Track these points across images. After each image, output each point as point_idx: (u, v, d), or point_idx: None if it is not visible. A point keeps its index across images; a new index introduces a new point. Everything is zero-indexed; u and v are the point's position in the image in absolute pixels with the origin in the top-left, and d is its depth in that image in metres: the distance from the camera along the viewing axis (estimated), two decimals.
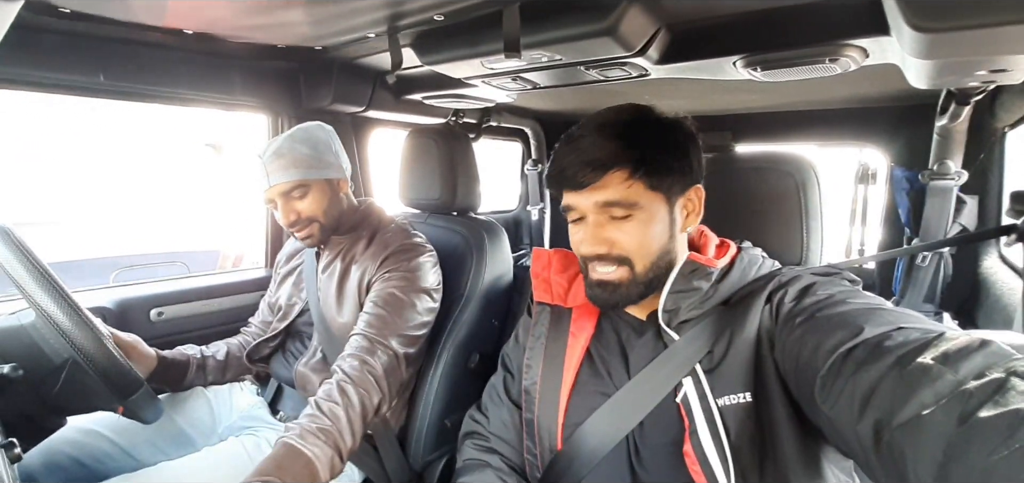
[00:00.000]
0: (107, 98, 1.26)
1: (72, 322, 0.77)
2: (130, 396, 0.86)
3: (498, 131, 2.16)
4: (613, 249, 0.70)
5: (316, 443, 0.85)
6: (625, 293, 0.71)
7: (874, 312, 0.56)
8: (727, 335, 0.67)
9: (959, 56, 0.70)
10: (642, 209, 0.69)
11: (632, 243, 0.69)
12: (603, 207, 0.69)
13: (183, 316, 1.41)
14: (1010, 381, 0.40)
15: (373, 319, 1.02)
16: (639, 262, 0.70)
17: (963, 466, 0.38)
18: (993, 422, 0.38)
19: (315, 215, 1.10)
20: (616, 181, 0.68)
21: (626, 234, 0.69)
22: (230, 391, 1.23)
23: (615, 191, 0.68)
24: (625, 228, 0.70)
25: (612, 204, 0.69)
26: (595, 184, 0.69)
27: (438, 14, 0.95)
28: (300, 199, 1.08)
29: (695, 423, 0.65)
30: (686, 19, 0.93)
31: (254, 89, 1.40)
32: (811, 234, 0.87)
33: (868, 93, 1.35)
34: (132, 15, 0.98)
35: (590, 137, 0.70)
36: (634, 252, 0.70)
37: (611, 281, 0.71)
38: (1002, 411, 0.38)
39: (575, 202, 0.72)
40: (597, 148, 0.68)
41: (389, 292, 1.05)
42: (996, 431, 0.37)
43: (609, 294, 0.71)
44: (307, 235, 1.11)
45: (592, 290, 0.74)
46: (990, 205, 1.24)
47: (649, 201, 0.69)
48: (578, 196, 0.71)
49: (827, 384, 0.53)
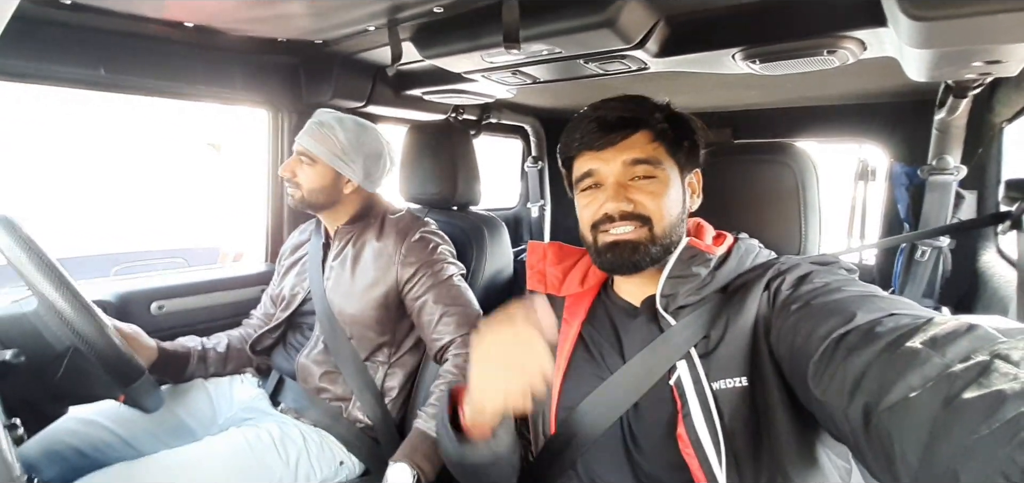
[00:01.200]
0: (108, 91, 1.26)
1: (74, 309, 0.78)
2: (131, 384, 0.87)
3: (498, 128, 2.17)
4: (636, 207, 0.71)
5: None
6: (643, 254, 0.71)
7: (867, 299, 0.57)
8: (724, 321, 0.67)
9: (955, 46, 0.70)
10: (663, 171, 0.72)
11: (654, 203, 0.71)
12: (629, 165, 0.71)
13: (183, 310, 1.41)
14: (994, 363, 0.41)
15: (458, 315, 1.11)
16: (658, 223, 0.71)
17: (947, 445, 0.39)
18: (976, 403, 0.39)
19: (302, 185, 1.17)
20: (642, 140, 0.72)
21: (648, 194, 0.71)
22: (230, 383, 1.23)
23: (642, 148, 0.71)
24: (647, 188, 0.71)
25: (639, 161, 0.71)
26: (622, 142, 0.71)
27: (438, 6, 0.95)
28: (300, 165, 1.17)
29: (689, 406, 0.66)
30: (685, 12, 0.94)
31: (255, 84, 1.40)
32: (809, 227, 0.87)
33: (867, 89, 1.36)
34: (133, 7, 0.99)
35: (611, 104, 0.73)
36: (655, 212, 0.71)
37: (629, 240, 0.71)
38: (985, 392, 0.39)
39: (597, 165, 0.73)
40: (622, 110, 0.72)
41: (445, 287, 1.13)
42: (979, 411, 0.38)
43: (627, 254, 0.71)
44: (290, 193, 1.19)
45: (604, 255, 0.73)
46: (989, 199, 1.24)
47: (668, 166, 0.72)
48: (601, 157, 0.72)
49: (819, 369, 0.53)
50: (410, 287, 1.13)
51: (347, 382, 1.13)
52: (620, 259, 0.72)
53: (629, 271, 0.73)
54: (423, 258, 1.14)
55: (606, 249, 0.73)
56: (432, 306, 1.11)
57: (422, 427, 1.00)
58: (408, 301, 1.14)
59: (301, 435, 1.08)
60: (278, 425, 1.07)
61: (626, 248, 0.71)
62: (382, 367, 1.15)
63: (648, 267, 0.72)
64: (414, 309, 1.13)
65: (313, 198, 1.17)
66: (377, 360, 1.16)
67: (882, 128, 1.48)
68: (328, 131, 1.15)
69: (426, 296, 1.12)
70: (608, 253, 0.72)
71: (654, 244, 0.71)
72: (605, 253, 0.73)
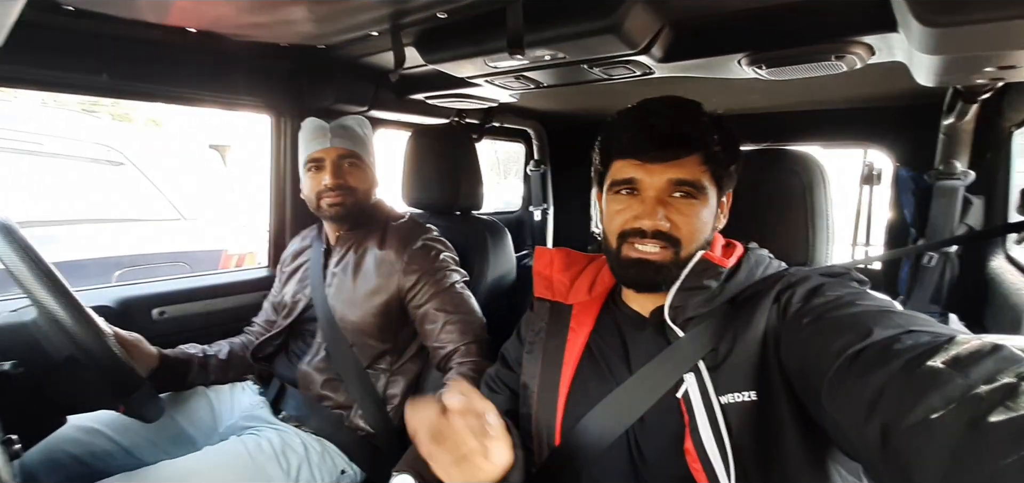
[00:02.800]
0: (110, 97, 1.26)
1: (73, 319, 0.77)
2: (131, 394, 0.86)
3: (501, 132, 2.16)
4: (671, 229, 0.69)
5: None
6: (665, 275, 0.69)
7: (883, 314, 0.55)
8: (732, 334, 0.66)
9: (967, 52, 0.69)
10: (705, 194, 0.70)
11: (688, 227, 0.69)
12: (674, 185, 0.69)
13: (185, 315, 1.40)
14: (1021, 386, 0.39)
15: (461, 323, 1.10)
16: (686, 247, 0.70)
17: (971, 471, 0.37)
18: (1003, 427, 0.37)
19: (356, 188, 1.17)
20: (693, 163, 0.69)
21: (685, 217, 0.69)
22: (231, 391, 1.22)
23: (691, 172, 0.69)
24: (684, 210, 0.69)
25: (685, 184, 0.68)
26: (674, 161, 0.68)
27: (441, 11, 0.95)
28: (351, 168, 1.17)
29: (696, 419, 0.64)
30: (690, 16, 0.92)
31: (257, 89, 1.40)
32: (817, 235, 0.86)
33: (873, 93, 1.34)
34: (136, 13, 0.98)
35: (668, 112, 0.70)
36: (686, 236, 0.69)
37: (654, 261, 0.69)
38: (1012, 416, 0.37)
39: (641, 176, 0.70)
40: (682, 124, 0.69)
41: (448, 294, 1.12)
42: (1006, 436, 0.37)
43: (650, 275, 0.70)
44: (339, 202, 1.15)
45: (627, 270, 0.71)
46: (997, 205, 1.23)
47: (710, 189, 0.70)
48: (647, 170, 0.69)
49: (834, 386, 0.52)
50: (412, 295, 1.12)
51: (349, 390, 1.12)
52: (642, 278, 0.71)
53: (648, 290, 0.72)
54: (425, 266, 1.13)
55: (630, 264, 0.71)
56: (434, 314, 1.10)
57: None
58: (410, 309, 1.13)
59: (302, 444, 1.07)
60: (279, 434, 1.07)
61: (649, 268, 0.70)
62: (384, 375, 1.14)
63: (666, 289, 0.71)
64: (417, 317, 1.13)
65: (367, 199, 1.20)
66: (379, 367, 1.15)
67: (887, 132, 1.47)
68: (357, 131, 1.19)
69: (428, 304, 1.11)
70: (631, 269, 0.71)
71: (678, 266, 0.70)
72: (628, 268, 0.71)
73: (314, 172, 1.17)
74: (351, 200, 1.16)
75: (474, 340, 1.10)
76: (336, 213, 1.16)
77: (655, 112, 0.70)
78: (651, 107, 0.71)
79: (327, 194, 1.15)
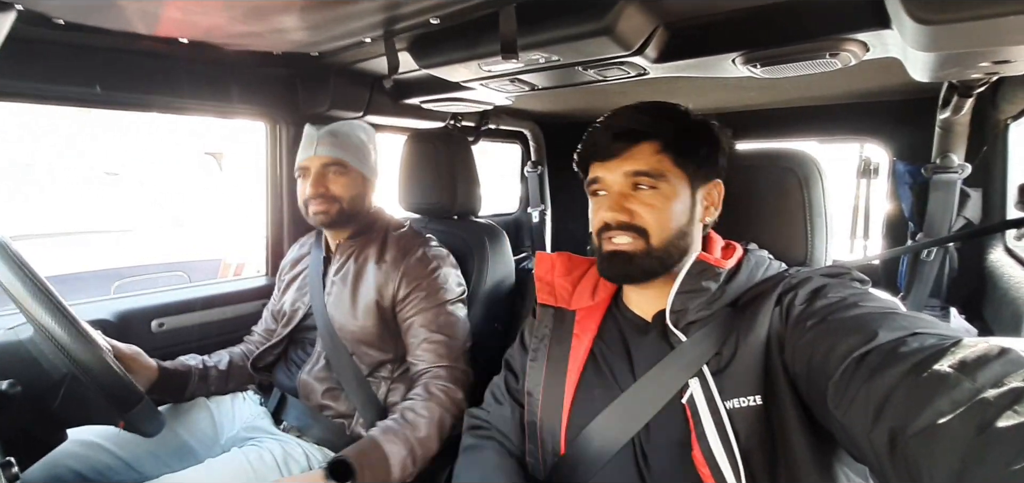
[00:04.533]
0: (104, 108, 1.25)
1: (70, 336, 0.77)
2: (131, 410, 0.85)
3: (497, 134, 2.16)
4: (633, 218, 0.71)
5: (394, 442, 0.94)
6: (639, 265, 0.71)
7: (887, 316, 0.55)
8: (735, 337, 0.66)
9: (961, 48, 0.69)
10: (667, 183, 0.72)
11: (652, 215, 0.71)
12: (630, 176, 0.72)
13: (184, 326, 1.40)
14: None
15: (439, 346, 1.08)
16: (656, 235, 0.71)
17: (980, 476, 0.37)
18: (1012, 432, 0.37)
19: (341, 197, 1.14)
20: (646, 152, 0.72)
21: (647, 206, 0.71)
22: (232, 401, 1.22)
23: (644, 162, 0.72)
24: (647, 200, 0.72)
25: (640, 174, 0.71)
26: (625, 153, 0.72)
27: (434, 17, 0.94)
28: (335, 176, 1.14)
29: (702, 426, 0.64)
30: (684, 17, 0.92)
31: (252, 96, 1.39)
32: (815, 232, 0.85)
33: (869, 87, 1.34)
34: (127, 25, 0.98)
35: (625, 114, 0.75)
36: (652, 225, 0.71)
37: (625, 251, 0.72)
38: (1021, 421, 0.37)
39: (602, 173, 0.74)
40: (631, 121, 0.73)
41: (435, 312, 1.11)
42: (1015, 441, 0.37)
43: (622, 265, 0.72)
44: (324, 210, 1.14)
45: (604, 264, 0.75)
46: (994, 198, 1.23)
47: (675, 178, 0.72)
48: (606, 167, 0.74)
49: (840, 389, 0.52)
50: (402, 306, 1.12)
51: (350, 399, 1.12)
52: (614, 269, 0.74)
53: (623, 281, 0.75)
54: (420, 279, 1.12)
55: (605, 257, 0.74)
56: (417, 329, 1.10)
57: (378, 437, 0.94)
58: (399, 319, 1.13)
59: (304, 454, 1.07)
60: (281, 445, 1.06)
61: (620, 259, 0.72)
62: (385, 383, 1.14)
63: (643, 279, 0.73)
64: (402, 328, 1.13)
65: (353, 207, 1.17)
66: (380, 376, 1.14)
67: (884, 127, 1.47)
68: (346, 136, 1.16)
69: (415, 318, 1.11)
70: (606, 262, 0.75)
71: (650, 256, 0.71)
72: (604, 261, 0.75)
73: (302, 180, 1.17)
74: (336, 208, 1.14)
75: (450, 365, 1.08)
76: (321, 221, 1.16)
77: (615, 115, 0.75)
78: (613, 113, 0.76)
79: (310, 202, 1.14)
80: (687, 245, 0.73)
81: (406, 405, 1.02)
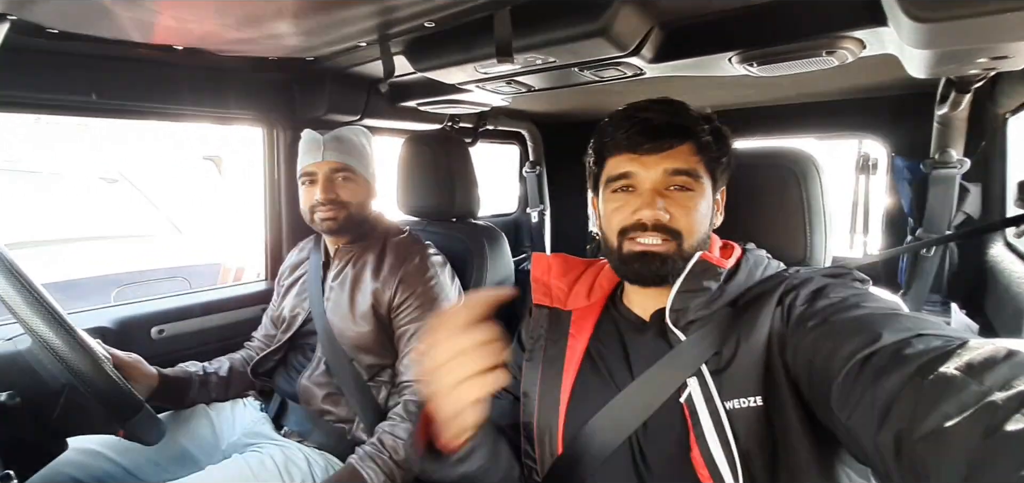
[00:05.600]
0: (100, 116, 1.25)
1: (69, 347, 0.76)
2: (130, 418, 0.85)
3: (495, 135, 2.15)
4: (671, 220, 0.69)
5: (373, 468, 0.98)
6: (672, 267, 0.69)
7: (891, 317, 0.54)
8: (735, 337, 0.66)
9: (959, 45, 0.69)
10: (701, 184, 0.70)
11: (687, 219, 0.69)
12: (669, 175, 0.69)
13: (184, 333, 1.40)
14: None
15: None
16: (688, 238, 0.70)
17: (988, 480, 0.37)
18: (1020, 436, 0.36)
19: (349, 202, 1.15)
20: (687, 151, 0.70)
21: (683, 208, 0.69)
22: (233, 408, 1.22)
23: (685, 161, 0.70)
24: (682, 201, 0.70)
25: (680, 172, 0.69)
26: (667, 151, 0.69)
27: (428, 20, 0.94)
28: (344, 182, 1.15)
29: (701, 426, 0.64)
30: (679, 17, 0.92)
31: (248, 102, 1.39)
32: (814, 230, 0.85)
33: (866, 84, 1.34)
34: (121, 33, 0.97)
35: (657, 109, 0.71)
36: (686, 228, 0.69)
37: (659, 253, 0.69)
38: None
39: (635, 168, 0.70)
40: (671, 115, 0.70)
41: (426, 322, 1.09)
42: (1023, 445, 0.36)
43: (656, 267, 0.69)
44: (332, 217, 1.14)
45: (631, 264, 0.71)
46: (994, 192, 1.22)
47: (706, 180, 0.71)
48: (641, 161, 0.70)
49: (844, 392, 0.51)
50: (397, 313, 1.12)
51: (350, 403, 1.12)
52: (648, 270, 0.70)
53: (654, 284, 0.72)
54: (416, 286, 1.12)
55: (633, 258, 0.70)
56: (407, 341, 1.11)
57: (356, 464, 0.99)
58: (394, 324, 1.13)
59: (305, 459, 1.07)
60: (282, 450, 1.06)
61: (655, 260, 0.69)
62: (385, 387, 1.14)
63: (671, 283, 0.70)
64: (396, 334, 1.13)
65: (360, 213, 1.17)
66: (380, 380, 1.14)
67: (882, 123, 1.46)
68: (352, 142, 1.17)
69: (408, 326, 1.11)
70: (636, 263, 0.70)
71: (681, 259, 0.69)
72: (632, 262, 0.71)
73: (308, 186, 1.16)
74: (344, 214, 1.15)
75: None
76: (329, 227, 1.16)
77: (646, 108, 0.72)
78: (642, 105, 0.73)
79: (319, 208, 1.14)
80: (704, 249, 0.72)
81: (385, 427, 1.03)
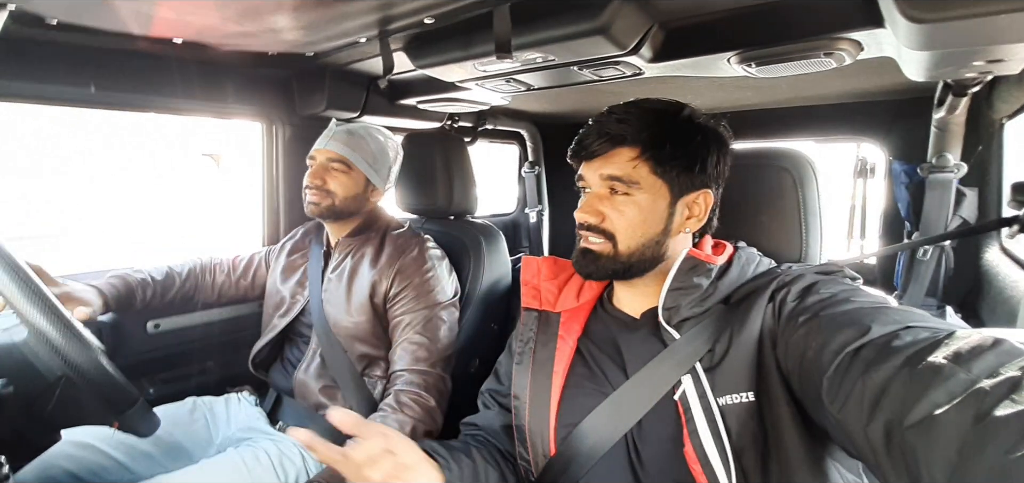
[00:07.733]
0: (99, 108, 1.25)
1: (65, 338, 0.76)
2: (125, 411, 0.85)
3: (494, 134, 2.15)
4: (602, 222, 0.73)
5: None
6: (603, 266, 0.73)
7: (880, 310, 0.55)
8: (728, 334, 0.66)
9: (955, 47, 0.69)
10: (642, 191, 0.72)
11: (621, 222, 0.72)
12: (606, 180, 0.73)
13: (181, 327, 1.40)
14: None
15: (419, 348, 1.08)
16: (623, 242, 0.72)
17: (978, 466, 0.37)
18: (1009, 421, 0.37)
19: (335, 193, 1.16)
20: (623, 158, 0.72)
21: (618, 212, 0.72)
22: (227, 402, 1.22)
23: (620, 167, 0.72)
24: (619, 206, 0.72)
25: (615, 179, 0.72)
26: (603, 156, 0.73)
27: (428, 17, 0.94)
28: (336, 173, 1.16)
29: (694, 422, 0.64)
30: (679, 16, 0.92)
31: (247, 97, 1.39)
32: (810, 231, 0.85)
33: (864, 87, 1.34)
34: (120, 25, 0.97)
35: (614, 115, 0.74)
36: (620, 231, 0.72)
37: (593, 250, 0.74)
38: (1018, 409, 0.37)
39: (585, 171, 0.76)
40: (614, 123, 0.73)
41: (423, 314, 1.11)
42: (1012, 430, 0.37)
43: (588, 263, 0.74)
44: (315, 202, 1.16)
45: (576, 259, 0.77)
46: (990, 197, 1.23)
47: (651, 186, 0.72)
48: (589, 166, 0.75)
49: (834, 385, 0.52)
50: (393, 303, 1.13)
51: (345, 397, 1.12)
52: (580, 266, 0.76)
53: (587, 278, 0.78)
54: (413, 278, 1.13)
55: (577, 254, 0.77)
56: (402, 330, 1.11)
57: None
58: (389, 315, 1.14)
59: (300, 454, 1.07)
60: (276, 444, 1.06)
61: (587, 257, 0.74)
62: (380, 381, 1.14)
63: (605, 278, 0.76)
64: (391, 325, 1.14)
65: (345, 206, 1.18)
66: (374, 374, 1.14)
67: (880, 126, 1.47)
68: (359, 139, 1.18)
69: (402, 316, 1.11)
70: (578, 258, 0.76)
71: (615, 260, 0.73)
72: (578, 256, 0.77)
73: (310, 168, 1.20)
74: (327, 203, 1.16)
75: (427, 370, 1.08)
76: (311, 212, 1.18)
77: (604, 115, 0.75)
78: (604, 111, 0.76)
79: (306, 191, 1.17)
80: (660, 254, 0.73)
81: (376, 418, 1.03)
